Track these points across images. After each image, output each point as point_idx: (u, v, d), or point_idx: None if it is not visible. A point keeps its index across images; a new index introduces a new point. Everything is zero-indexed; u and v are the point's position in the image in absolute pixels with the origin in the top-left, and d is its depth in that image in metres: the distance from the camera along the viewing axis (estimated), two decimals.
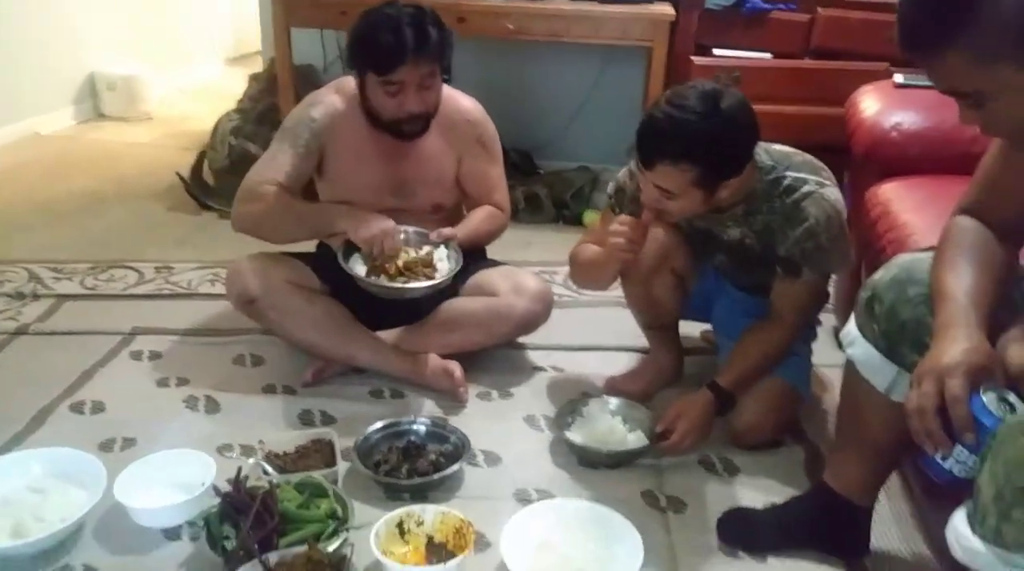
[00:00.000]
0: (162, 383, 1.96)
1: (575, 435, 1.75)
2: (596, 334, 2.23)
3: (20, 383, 1.93)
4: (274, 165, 1.93)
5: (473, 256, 2.10)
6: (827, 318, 2.03)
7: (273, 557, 1.31)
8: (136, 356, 2.07)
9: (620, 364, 2.07)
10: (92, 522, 1.49)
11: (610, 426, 1.77)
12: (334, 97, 1.98)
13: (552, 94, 3.43)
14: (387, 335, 2.03)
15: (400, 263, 1.84)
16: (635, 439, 1.74)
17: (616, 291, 1.92)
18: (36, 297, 2.36)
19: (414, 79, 1.82)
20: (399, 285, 1.82)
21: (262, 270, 1.92)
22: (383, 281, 1.83)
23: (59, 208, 3.11)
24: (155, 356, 2.07)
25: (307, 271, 2.00)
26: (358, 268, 1.86)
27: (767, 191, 1.63)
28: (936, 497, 1.51)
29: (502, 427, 1.83)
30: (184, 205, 3.10)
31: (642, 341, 2.05)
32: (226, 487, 1.44)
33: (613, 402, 1.84)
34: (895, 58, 2.19)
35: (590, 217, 3.00)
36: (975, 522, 0.94)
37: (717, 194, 1.56)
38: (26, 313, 2.27)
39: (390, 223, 1.85)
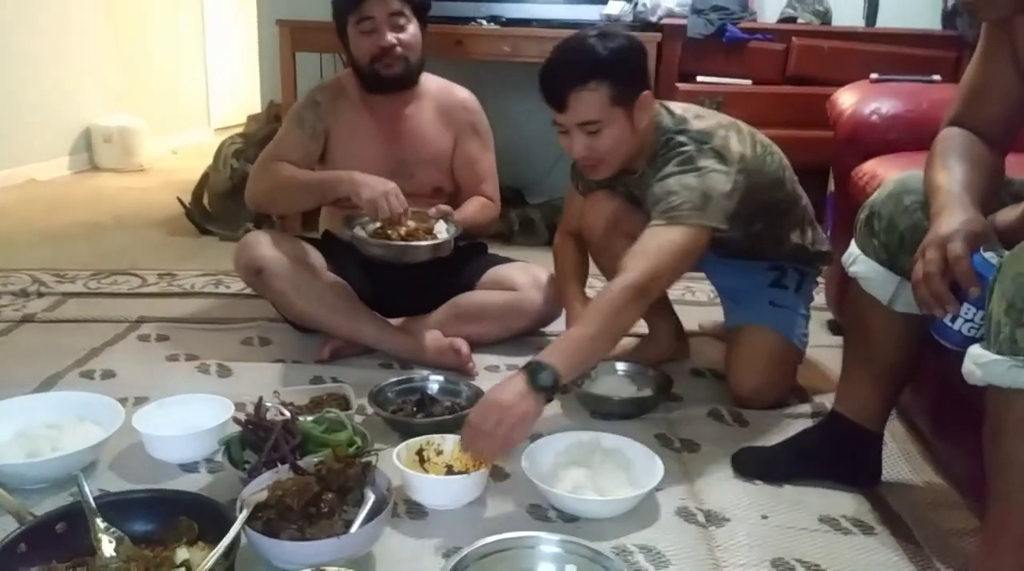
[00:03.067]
0: (172, 358, 1.98)
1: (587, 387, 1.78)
2: None
3: (27, 358, 1.93)
4: (283, 146, 2.03)
5: (483, 252, 2.18)
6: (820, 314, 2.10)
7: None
8: (144, 338, 2.09)
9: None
10: (108, 457, 1.48)
11: (620, 383, 1.81)
12: (335, 83, 2.11)
13: (541, 135, 3.57)
14: (397, 323, 2.06)
15: (402, 231, 1.89)
16: (644, 394, 1.77)
17: None
18: (40, 295, 2.37)
19: (383, 13, 1.96)
20: (402, 244, 1.86)
21: (272, 242, 1.97)
22: (384, 241, 1.86)
23: (60, 234, 3.15)
24: (163, 338, 2.09)
25: (315, 252, 2.04)
26: (361, 234, 1.90)
27: (656, 151, 1.68)
28: (945, 437, 1.56)
29: None
30: (184, 230, 3.16)
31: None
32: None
33: (620, 366, 1.87)
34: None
35: None
36: (990, 342, 0.99)
37: (636, 119, 1.61)
38: (31, 306, 2.29)
39: (391, 183, 1.87)
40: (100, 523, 1.18)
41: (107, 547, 1.16)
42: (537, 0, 3.12)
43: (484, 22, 3.02)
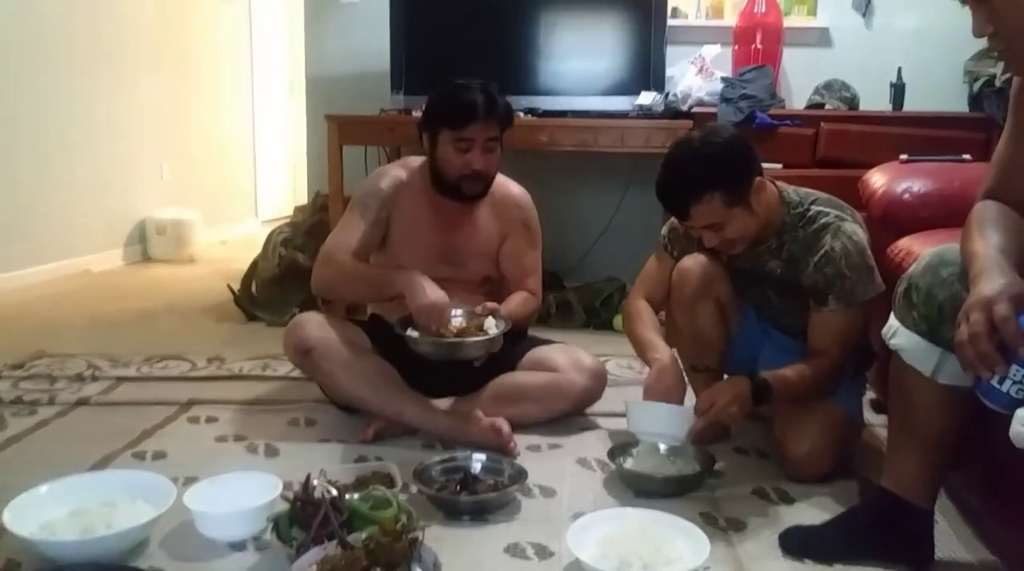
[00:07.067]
0: (220, 439, 2.02)
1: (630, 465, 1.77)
2: None
3: (82, 440, 1.99)
4: (347, 234, 2.12)
5: (523, 334, 2.22)
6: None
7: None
8: (194, 420, 2.15)
9: None
10: (159, 535, 1.51)
11: (662, 462, 1.80)
12: (400, 170, 2.20)
13: (577, 220, 3.67)
14: (440, 404, 2.08)
15: (453, 329, 1.94)
16: (687, 472, 1.76)
17: None
18: (95, 379, 2.45)
19: (482, 138, 2.03)
20: (453, 340, 1.90)
21: (320, 324, 2.04)
22: (436, 338, 1.90)
23: (114, 321, 3.27)
24: (212, 420, 2.14)
25: (362, 334, 2.11)
26: (412, 332, 1.95)
27: (793, 223, 1.79)
28: (996, 514, 1.53)
29: (555, 467, 1.86)
30: (232, 316, 3.26)
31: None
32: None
33: (662, 445, 1.86)
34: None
35: (620, 322, 3.12)
36: None
37: (755, 205, 1.72)
38: (86, 390, 2.36)
39: (444, 298, 1.93)
40: None
41: None
42: (572, 93, 3.26)
43: (522, 114, 3.14)
